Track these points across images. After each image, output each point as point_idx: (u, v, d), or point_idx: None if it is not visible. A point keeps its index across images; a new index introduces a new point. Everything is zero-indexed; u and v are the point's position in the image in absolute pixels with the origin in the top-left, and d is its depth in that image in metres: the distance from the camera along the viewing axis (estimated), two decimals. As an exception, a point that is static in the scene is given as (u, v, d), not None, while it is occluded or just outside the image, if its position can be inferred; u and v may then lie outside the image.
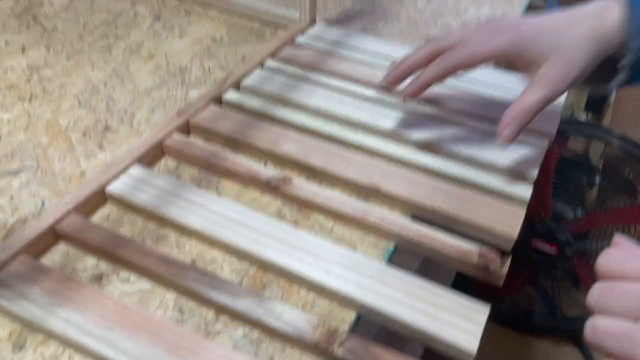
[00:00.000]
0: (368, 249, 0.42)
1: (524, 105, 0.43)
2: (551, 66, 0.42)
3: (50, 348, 0.35)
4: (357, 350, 0.34)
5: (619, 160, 1.29)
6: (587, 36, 0.42)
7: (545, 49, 0.42)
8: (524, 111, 0.42)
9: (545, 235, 1.29)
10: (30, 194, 0.45)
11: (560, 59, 0.42)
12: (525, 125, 0.43)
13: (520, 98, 0.43)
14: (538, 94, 0.42)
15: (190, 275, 0.38)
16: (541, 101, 0.42)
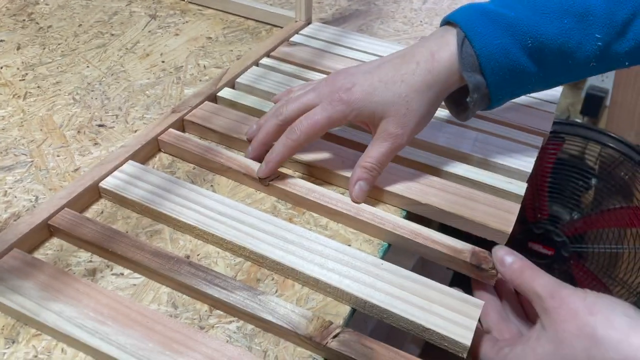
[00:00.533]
0: (362, 245, 0.42)
1: (369, 162, 0.43)
2: (389, 121, 0.42)
3: (43, 342, 0.34)
4: (351, 343, 0.34)
5: (615, 162, 1.29)
6: (422, 84, 0.41)
7: (381, 106, 0.42)
8: (370, 168, 0.43)
9: (542, 237, 1.29)
10: (24, 190, 0.44)
11: (396, 112, 0.42)
12: (374, 180, 0.44)
13: (364, 154, 0.44)
14: (381, 148, 0.43)
15: (184, 269, 0.38)
16: (385, 155, 0.43)
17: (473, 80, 0.41)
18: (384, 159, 0.43)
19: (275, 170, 0.46)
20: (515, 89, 0.43)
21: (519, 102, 0.56)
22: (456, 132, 0.52)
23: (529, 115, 0.55)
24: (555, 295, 0.34)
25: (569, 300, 0.33)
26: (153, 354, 0.33)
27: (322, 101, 0.43)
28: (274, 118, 0.46)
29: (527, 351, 0.34)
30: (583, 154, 1.36)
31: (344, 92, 0.43)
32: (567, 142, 1.31)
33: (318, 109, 0.43)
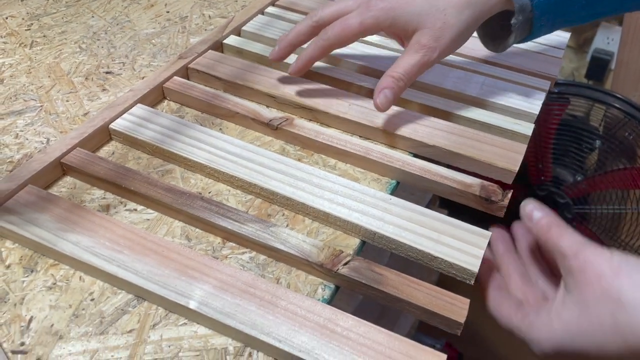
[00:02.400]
0: (371, 184, 0.43)
1: (396, 71, 0.42)
2: (424, 33, 0.41)
3: (61, 270, 0.35)
4: (361, 270, 0.35)
5: (620, 123, 1.29)
6: (460, 1, 0.41)
7: (417, 16, 0.41)
8: (397, 78, 0.42)
9: (545, 199, 1.30)
10: (35, 133, 0.45)
11: (433, 24, 0.41)
12: (400, 91, 0.43)
13: (393, 65, 0.43)
14: (411, 59, 0.42)
15: (197, 203, 0.38)
16: (415, 66, 0.42)
17: (519, 1, 0.40)
18: (413, 70, 0.42)
19: (304, 68, 0.46)
20: (557, 15, 0.41)
21: (526, 47, 0.56)
22: (464, 76, 0.52)
23: (536, 60, 0.55)
24: (579, 256, 0.33)
25: (594, 261, 0.32)
26: (169, 279, 0.33)
27: (360, 7, 0.43)
28: (308, 19, 0.46)
29: (553, 317, 0.33)
30: (588, 116, 1.36)
31: (382, 1, 0.42)
32: (571, 103, 1.31)
33: (353, 13, 0.43)
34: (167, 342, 0.32)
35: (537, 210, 0.37)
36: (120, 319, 0.33)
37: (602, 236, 1.32)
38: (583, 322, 0.32)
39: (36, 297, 0.34)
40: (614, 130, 1.31)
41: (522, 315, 0.35)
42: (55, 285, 0.34)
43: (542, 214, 0.36)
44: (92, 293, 0.34)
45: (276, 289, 0.33)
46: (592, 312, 0.31)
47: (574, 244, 0.33)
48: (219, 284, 0.33)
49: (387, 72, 0.43)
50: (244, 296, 0.33)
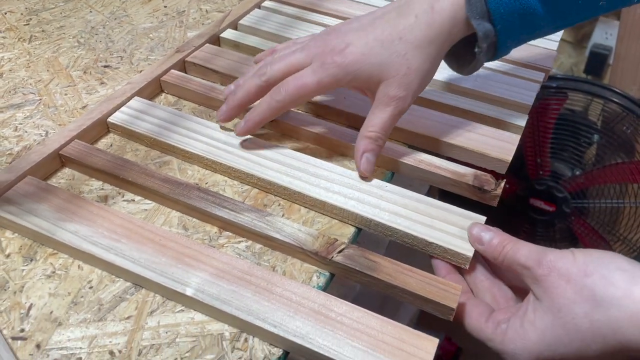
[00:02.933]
0: (366, 174, 0.43)
1: (372, 131, 0.40)
2: (389, 83, 0.38)
3: (60, 259, 0.36)
4: (355, 257, 0.35)
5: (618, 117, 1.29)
6: (423, 39, 0.38)
7: (378, 67, 0.38)
8: (374, 138, 0.40)
9: (543, 193, 1.30)
10: (34, 125, 0.45)
11: (397, 72, 0.38)
12: (380, 150, 0.41)
13: (366, 123, 0.40)
14: (384, 115, 0.39)
15: (194, 193, 0.39)
16: (388, 121, 0.40)
17: (482, 28, 0.37)
18: (387, 125, 0.40)
19: (253, 130, 0.42)
20: (523, 34, 0.39)
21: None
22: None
23: (530, 52, 0.55)
24: (542, 263, 0.32)
25: (559, 265, 0.31)
26: (166, 267, 0.34)
27: (313, 62, 0.40)
28: (256, 78, 0.41)
29: (527, 326, 0.32)
30: (586, 110, 1.36)
31: (337, 55, 0.39)
32: (569, 97, 1.31)
33: (308, 70, 0.40)
34: (164, 328, 0.32)
35: (484, 232, 0.36)
36: (118, 306, 0.33)
37: (601, 230, 1.33)
38: (558, 328, 0.31)
39: (35, 285, 0.34)
40: (612, 125, 1.31)
41: (493, 325, 0.34)
42: (54, 273, 0.35)
43: (491, 234, 0.35)
44: (91, 281, 0.35)
45: (272, 276, 0.34)
46: (566, 317, 0.30)
47: (533, 253, 0.33)
48: (215, 272, 0.34)
49: (363, 133, 0.40)
50: (239, 283, 0.33)
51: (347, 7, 0.60)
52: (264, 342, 0.32)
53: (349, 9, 0.59)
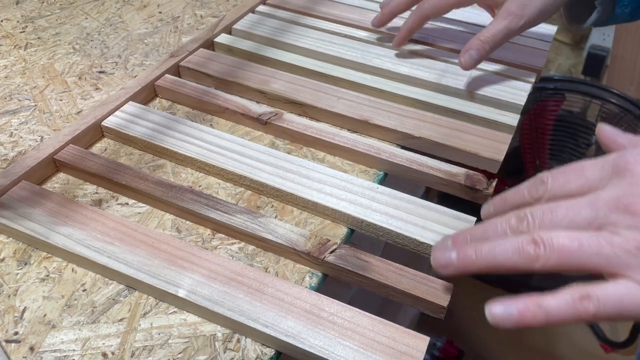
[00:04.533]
0: (359, 175, 0.44)
1: (484, 35, 0.46)
2: (512, 2, 0.45)
3: (54, 263, 0.36)
4: (347, 257, 0.35)
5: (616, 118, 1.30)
6: None
7: None
8: (483, 41, 0.46)
9: (543, 195, 1.30)
10: (29, 131, 0.46)
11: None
12: (485, 54, 0.47)
13: (483, 30, 0.47)
14: (498, 25, 0.46)
15: (187, 196, 0.39)
16: (501, 31, 0.46)
17: None
18: (499, 35, 0.46)
19: (406, 38, 0.52)
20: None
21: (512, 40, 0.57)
22: (450, 69, 0.52)
23: (522, 53, 0.55)
24: None
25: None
26: (159, 269, 0.34)
27: None
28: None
29: None
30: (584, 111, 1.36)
31: None
32: (567, 99, 1.31)
33: None
34: (157, 329, 0.33)
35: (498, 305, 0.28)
36: (112, 309, 0.34)
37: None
38: None
39: (29, 288, 0.35)
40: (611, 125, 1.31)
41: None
42: (48, 277, 0.35)
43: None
44: (84, 284, 0.35)
45: (264, 276, 0.34)
46: None
47: None
48: (208, 273, 0.34)
49: (476, 35, 0.47)
50: (232, 284, 0.34)
51: (340, 10, 0.60)
52: (256, 342, 0.32)
53: (342, 13, 0.60)
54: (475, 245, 0.29)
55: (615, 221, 0.27)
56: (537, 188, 0.30)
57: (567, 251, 0.27)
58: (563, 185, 0.29)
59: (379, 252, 0.61)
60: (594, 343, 1.32)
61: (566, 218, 0.28)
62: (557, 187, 0.29)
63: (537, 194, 0.30)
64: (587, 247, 0.26)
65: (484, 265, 0.29)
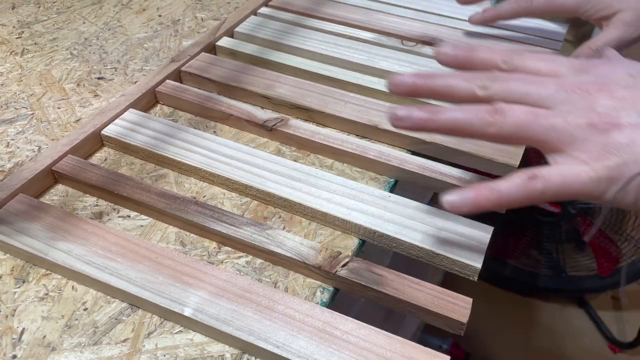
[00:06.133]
0: (369, 183, 0.42)
1: (595, 44, 0.45)
2: (627, 12, 0.45)
3: (53, 280, 0.34)
4: (360, 271, 0.34)
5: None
6: None
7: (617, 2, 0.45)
8: (594, 49, 0.45)
9: (548, 195, 1.29)
10: (26, 141, 0.44)
11: (636, 5, 0.44)
12: None
13: (593, 39, 0.45)
14: (611, 34, 0.45)
15: (191, 208, 0.37)
16: (614, 41, 0.45)
17: None
18: (611, 44, 0.45)
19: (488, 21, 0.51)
20: None
21: (523, 40, 0.55)
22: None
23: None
24: None
25: None
26: (163, 286, 0.33)
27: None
28: None
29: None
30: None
31: None
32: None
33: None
34: (163, 350, 0.31)
35: None
36: (114, 329, 0.32)
37: (607, 230, 1.31)
38: None
39: (28, 308, 0.33)
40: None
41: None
42: (47, 295, 0.34)
43: None
44: (85, 302, 0.33)
45: (273, 293, 0.33)
46: None
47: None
48: (214, 290, 0.33)
49: (586, 44, 0.46)
50: (240, 301, 0.32)
51: (345, 11, 0.59)
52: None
53: (347, 13, 0.58)
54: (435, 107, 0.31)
55: (573, 101, 0.29)
56: (512, 57, 0.32)
57: (523, 122, 0.29)
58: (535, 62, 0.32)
59: (388, 259, 0.60)
60: (601, 344, 1.31)
61: (529, 87, 0.30)
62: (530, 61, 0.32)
63: (510, 60, 0.32)
64: (542, 120, 0.29)
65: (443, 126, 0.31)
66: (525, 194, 0.29)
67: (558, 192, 0.28)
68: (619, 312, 1.38)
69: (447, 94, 0.32)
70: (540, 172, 0.29)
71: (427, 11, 0.59)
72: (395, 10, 0.59)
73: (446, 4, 0.60)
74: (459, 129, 0.30)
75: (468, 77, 0.31)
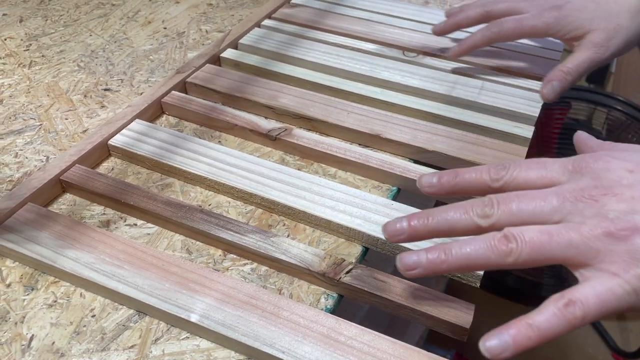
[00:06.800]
0: (372, 191, 0.43)
1: (566, 66, 0.45)
2: (596, 33, 0.44)
3: (62, 287, 0.35)
4: (364, 277, 0.34)
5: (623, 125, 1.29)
6: (634, 5, 0.44)
7: (589, 21, 0.45)
8: (565, 72, 0.45)
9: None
10: (34, 151, 0.45)
11: (606, 26, 0.44)
12: (567, 85, 0.46)
13: (565, 60, 0.45)
14: (582, 56, 0.45)
15: (197, 216, 0.38)
16: (585, 62, 0.45)
17: None
18: (582, 66, 0.45)
19: (466, 52, 0.50)
20: None
21: (523, 50, 0.56)
22: (462, 81, 0.52)
23: (533, 63, 0.55)
24: None
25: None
26: (170, 293, 0.33)
27: (532, 10, 0.47)
28: (480, 7, 0.49)
29: None
30: (590, 119, 1.35)
31: (555, 9, 0.46)
32: (573, 107, 1.30)
33: (528, 15, 0.46)
34: (170, 356, 0.31)
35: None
36: (122, 335, 0.32)
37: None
38: None
39: (37, 315, 0.33)
40: (617, 133, 1.30)
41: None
42: (56, 302, 0.34)
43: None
44: (93, 309, 0.34)
45: (278, 299, 0.33)
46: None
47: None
48: (220, 297, 0.33)
49: (558, 66, 0.45)
50: (245, 308, 0.32)
51: (347, 23, 0.60)
52: (272, 368, 0.31)
53: (349, 25, 0.59)
54: (444, 245, 0.29)
55: (581, 210, 0.27)
56: (498, 171, 0.30)
57: (539, 244, 0.27)
58: (524, 173, 0.29)
59: (391, 267, 0.60)
60: (605, 353, 1.30)
61: (531, 205, 0.28)
62: (518, 173, 0.29)
63: (498, 175, 0.30)
64: (558, 238, 0.27)
65: (456, 265, 0.28)
66: (566, 325, 0.26)
67: (597, 313, 0.26)
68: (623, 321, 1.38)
69: (448, 230, 0.29)
70: (574, 295, 0.26)
71: (427, 22, 0.60)
72: (396, 22, 0.60)
73: (446, 16, 0.61)
74: (475, 265, 0.28)
75: (465, 207, 0.29)
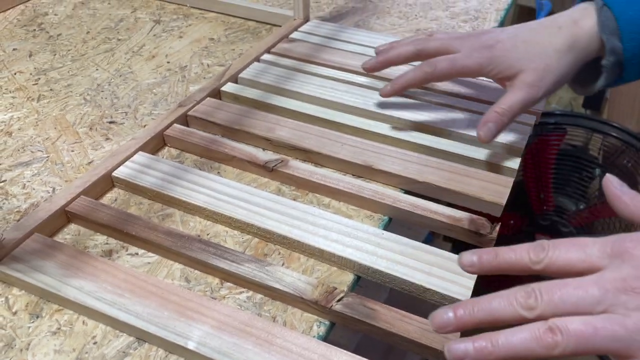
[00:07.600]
0: (364, 220, 0.44)
1: (500, 107, 0.45)
2: (528, 73, 0.45)
3: (65, 315, 0.36)
4: (354, 305, 0.36)
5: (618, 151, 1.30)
6: (563, 45, 0.45)
7: (519, 61, 0.45)
8: (500, 113, 0.45)
9: (548, 228, 1.30)
10: (41, 183, 0.47)
11: (536, 66, 0.45)
12: (503, 126, 0.46)
13: (498, 101, 0.46)
14: (515, 97, 0.45)
15: (195, 245, 0.40)
16: (519, 102, 0.45)
17: (610, 43, 0.43)
18: (516, 106, 0.45)
19: (398, 92, 0.50)
20: None
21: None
22: (451, 114, 0.54)
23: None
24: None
25: None
26: (169, 321, 0.35)
27: (464, 50, 0.47)
28: (411, 46, 0.49)
29: None
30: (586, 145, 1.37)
31: (486, 49, 0.46)
32: (569, 133, 1.33)
33: (460, 55, 0.47)
34: (167, 382, 0.33)
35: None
36: (122, 361, 0.34)
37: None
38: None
39: (41, 342, 0.35)
40: (613, 159, 1.32)
41: None
42: (59, 330, 0.36)
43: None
44: (95, 336, 0.35)
45: (272, 327, 0.34)
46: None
47: None
48: (216, 324, 0.34)
49: (492, 107, 0.46)
50: (241, 335, 0.34)
51: (341, 57, 0.62)
52: (265, 394, 0.32)
53: (343, 59, 0.62)
54: (490, 335, 0.28)
55: (624, 303, 0.27)
56: (538, 253, 0.30)
57: (583, 337, 0.27)
58: (564, 255, 0.29)
59: (386, 294, 0.61)
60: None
61: (574, 296, 0.28)
62: (558, 255, 0.29)
63: (537, 257, 0.30)
64: (602, 331, 0.27)
65: (502, 356, 0.28)
66: None
67: None
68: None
69: (493, 321, 0.29)
70: None
71: (420, 56, 0.62)
72: (390, 56, 0.63)
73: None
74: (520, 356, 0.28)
75: (509, 299, 0.29)
